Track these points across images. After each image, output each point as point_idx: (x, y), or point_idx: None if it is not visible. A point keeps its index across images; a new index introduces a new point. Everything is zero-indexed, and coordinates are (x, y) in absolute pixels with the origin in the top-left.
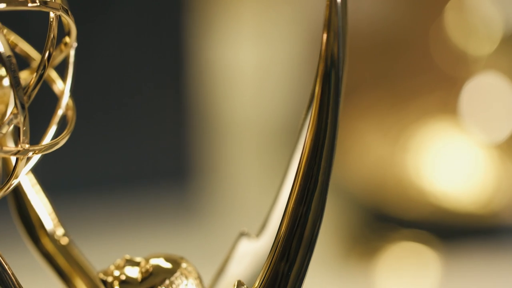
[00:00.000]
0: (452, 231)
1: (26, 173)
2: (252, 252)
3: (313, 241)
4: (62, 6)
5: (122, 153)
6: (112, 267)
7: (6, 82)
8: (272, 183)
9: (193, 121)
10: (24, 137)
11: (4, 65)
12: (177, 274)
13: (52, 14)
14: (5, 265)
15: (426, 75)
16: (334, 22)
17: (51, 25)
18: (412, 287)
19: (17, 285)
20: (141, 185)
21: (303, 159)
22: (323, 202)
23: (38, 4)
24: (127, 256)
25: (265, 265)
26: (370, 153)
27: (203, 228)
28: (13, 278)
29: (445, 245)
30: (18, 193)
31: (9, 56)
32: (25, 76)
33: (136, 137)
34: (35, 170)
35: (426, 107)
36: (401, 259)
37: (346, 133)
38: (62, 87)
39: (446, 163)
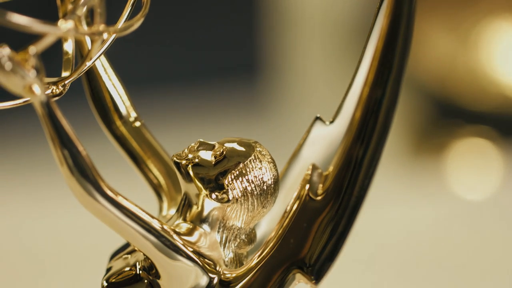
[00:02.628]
0: None
1: (100, 56)
2: (327, 137)
3: (388, 126)
4: None
5: (195, 48)
6: (186, 151)
7: None
8: (341, 75)
9: (263, 15)
10: (99, 19)
11: None
12: (251, 157)
13: None
14: (80, 147)
15: None
16: None
17: None
18: (476, 182)
19: (91, 168)
20: (213, 80)
21: (379, 45)
22: (398, 86)
23: None
24: (201, 140)
25: (339, 149)
26: (440, 47)
27: (274, 120)
28: (87, 160)
29: (509, 141)
30: (92, 76)
31: None
32: None
33: (209, 33)
34: (111, 59)
35: (496, 3)
36: (467, 155)
37: (416, 28)
38: None
39: None
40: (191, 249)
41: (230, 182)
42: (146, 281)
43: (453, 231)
